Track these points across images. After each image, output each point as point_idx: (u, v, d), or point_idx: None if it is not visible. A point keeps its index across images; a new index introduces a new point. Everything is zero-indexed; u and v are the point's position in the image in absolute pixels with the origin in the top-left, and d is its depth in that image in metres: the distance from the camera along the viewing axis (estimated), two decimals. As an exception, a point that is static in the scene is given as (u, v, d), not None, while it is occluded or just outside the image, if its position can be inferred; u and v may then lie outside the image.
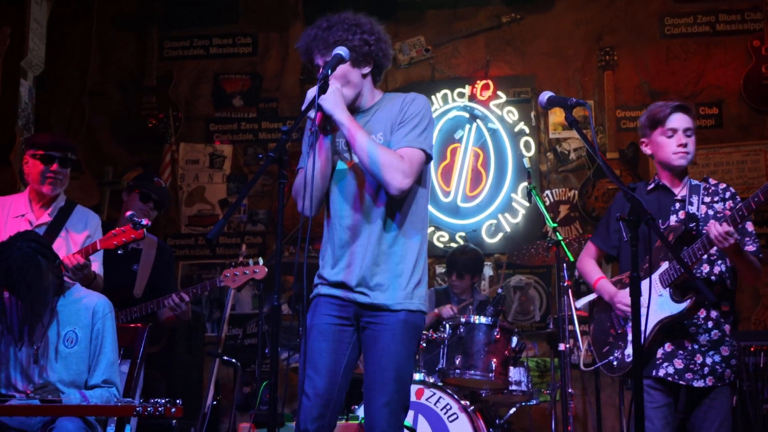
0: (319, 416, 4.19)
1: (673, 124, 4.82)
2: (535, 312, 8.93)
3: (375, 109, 4.42)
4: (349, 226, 4.31)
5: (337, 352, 4.28)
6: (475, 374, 6.65)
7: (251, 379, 7.71)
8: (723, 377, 4.67)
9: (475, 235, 9.06)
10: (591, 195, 8.99)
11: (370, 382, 4.24)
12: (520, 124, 9.22)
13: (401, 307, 4.28)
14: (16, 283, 4.70)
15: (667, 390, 4.72)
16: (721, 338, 4.70)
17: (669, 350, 4.71)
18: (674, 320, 4.68)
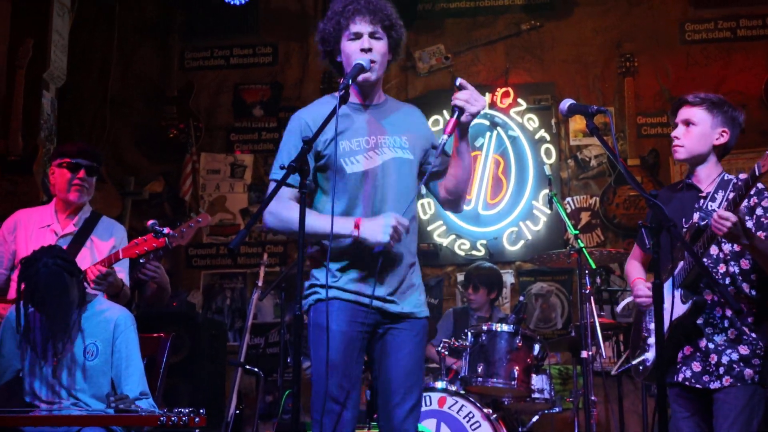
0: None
1: (677, 117, 4.82)
2: (557, 319, 8.91)
3: (387, 107, 4.41)
4: None
5: (358, 361, 4.25)
6: (498, 382, 6.63)
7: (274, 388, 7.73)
8: (742, 377, 4.52)
9: (496, 243, 9.06)
10: (612, 202, 8.96)
11: (395, 386, 4.21)
12: (541, 132, 9.21)
13: (424, 315, 4.32)
14: (41, 300, 4.74)
15: (694, 399, 4.65)
16: (739, 337, 4.57)
17: (688, 353, 4.64)
18: (682, 322, 4.59)
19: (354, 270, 4.24)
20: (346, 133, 4.27)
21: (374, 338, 4.27)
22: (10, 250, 5.66)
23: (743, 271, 4.65)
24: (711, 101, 4.77)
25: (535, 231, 9.07)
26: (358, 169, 4.25)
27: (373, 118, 4.34)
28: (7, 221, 5.77)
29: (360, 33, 4.23)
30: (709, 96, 4.80)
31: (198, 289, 9.27)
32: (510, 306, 8.69)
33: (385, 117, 4.36)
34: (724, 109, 4.76)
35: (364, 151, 4.26)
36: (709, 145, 4.76)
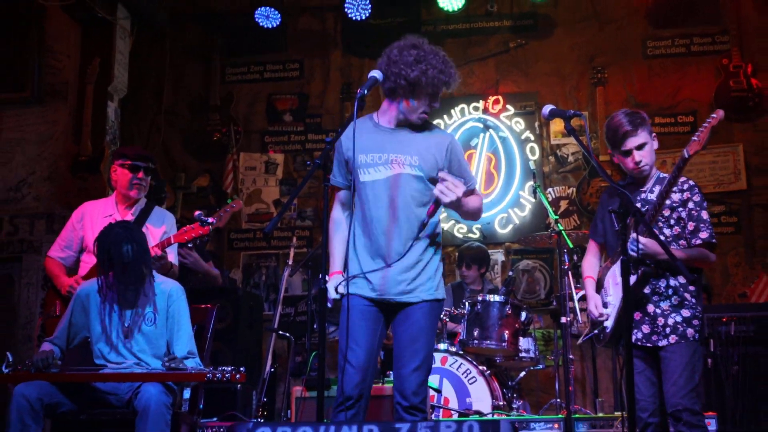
0: (359, 382, 4.22)
1: (626, 146, 4.69)
2: (540, 291, 8.90)
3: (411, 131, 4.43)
4: (385, 231, 4.31)
5: (373, 329, 4.32)
6: (491, 344, 6.66)
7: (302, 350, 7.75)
8: (686, 335, 4.53)
9: (489, 227, 9.05)
10: (586, 192, 8.95)
11: (401, 350, 4.29)
12: (526, 133, 9.20)
13: (432, 298, 4.36)
14: (126, 274, 4.79)
15: (646, 356, 4.66)
16: (681, 302, 4.58)
17: (638, 318, 4.64)
18: (633, 290, 4.54)
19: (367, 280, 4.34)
20: (365, 148, 4.35)
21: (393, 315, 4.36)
22: (79, 236, 5.72)
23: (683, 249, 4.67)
24: (640, 120, 4.70)
25: (522, 216, 9.06)
26: (371, 178, 4.34)
27: (395, 139, 4.38)
28: (75, 212, 5.83)
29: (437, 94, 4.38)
30: (634, 116, 4.71)
31: (238, 268, 9.30)
32: (501, 280, 8.67)
33: (406, 139, 4.39)
34: (647, 119, 4.75)
35: (376, 164, 4.34)
36: (654, 153, 4.76)
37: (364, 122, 4.45)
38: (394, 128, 4.41)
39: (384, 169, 4.33)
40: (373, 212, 4.32)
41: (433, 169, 4.36)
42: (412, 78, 4.25)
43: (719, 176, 8.62)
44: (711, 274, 8.33)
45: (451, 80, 4.34)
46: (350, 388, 4.20)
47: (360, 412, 4.21)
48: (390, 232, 4.30)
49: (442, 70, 4.29)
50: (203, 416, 5.71)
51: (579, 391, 8.17)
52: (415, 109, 4.35)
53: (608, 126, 4.78)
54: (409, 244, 4.31)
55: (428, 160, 4.36)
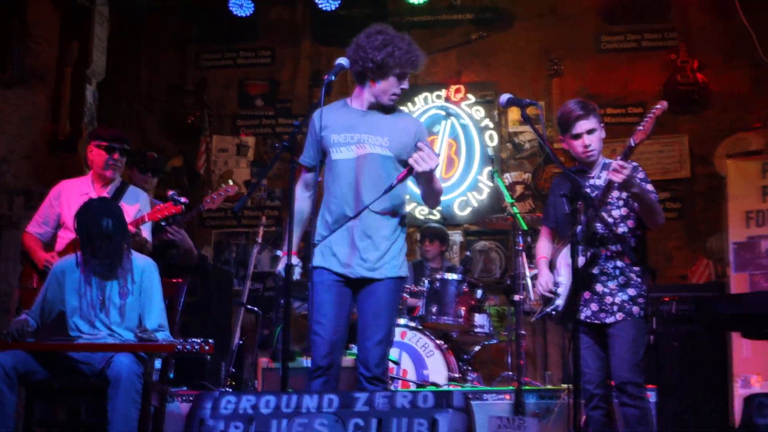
0: (328, 353, 4.26)
1: (577, 130, 4.71)
2: (495, 270, 8.95)
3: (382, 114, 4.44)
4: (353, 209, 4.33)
5: (341, 302, 4.35)
6: (448, 319, 6.68)
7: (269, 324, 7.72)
8: (632, 313, 4.58)
9: (448, 209, 9.08)
10: (541, 177, 9.01)
11: (365, 324, 4.32)
12: (486, 121, 9.22)
13: (395, 275, 4.38)
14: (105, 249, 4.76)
15: (593, 332, 4.70)
16: (627, 282, 4.62)
17: (587, 297, 4.68)
18: (584, 272, 4.61)
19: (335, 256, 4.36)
20: (338, 127, 4.38)
21: (358, 290, 4.38)
22: (55, 212, 5.67)
23: (630, 230, 4.71)
24: (592, 107, 4.74)
25: (480, 200, 9.09)
26: (342, 157, 4.36)
27: (367, 121, 4.40)
28: (53, 189, 5.79)
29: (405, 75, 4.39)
30: (586, 104, 4.75)
31: (210, 245, 9.26)
32: (459, 259, 8.71)
33: (376, 121, 4.40)
34: (597, 110, 4.77)
35: (348, 144, 4.36)
36: (602, 140, 4.79)
37: (337, 105, 4.51)
38: (366, 111, 4.44)
39: (355, 148, 4.36)
40: (344, 189, 4.35)
41: (402, 151, 4.38)
42: (380, 60, 4.29)
43: (665, 164, 8.70)
44: (655, 257, 8.40)
45: (417, 61, 4.38)
46: (320, 358, 4.23)
47: (331, 380, 4.24)
48: (357, 211, 4.32)
49: (408, 51, 4.33)
50: (174, 385, 5.72)
51: (530, 364, 8.23)
52: (385, 91, 4.37)
53: (561, 112, 4.80)
54: (375, 223, 4.34)
55: (398, 141, 4.38)
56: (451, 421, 3.11)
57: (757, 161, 7.29)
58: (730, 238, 7.11)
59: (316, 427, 3.18)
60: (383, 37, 4.33)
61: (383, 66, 4.30)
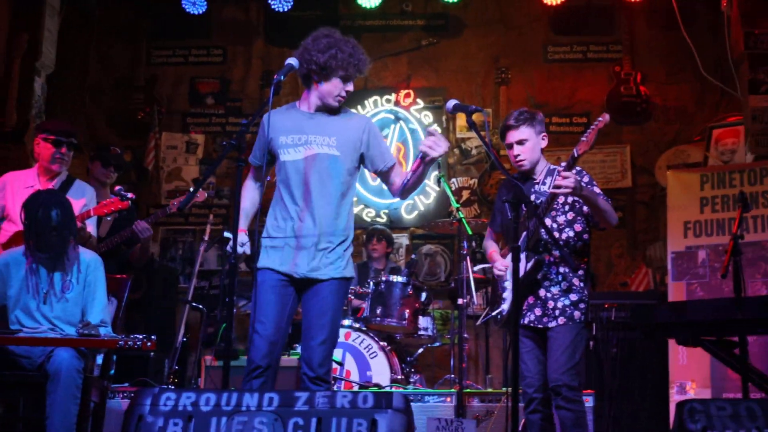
0: (268, 353, 4.22)
1: (508, 140, 4.78)
2: (440, 274, 8.97)
3: (330, 115, 4.45)
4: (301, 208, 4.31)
5: (283, 303, 4.32)
6: (392, 321, 6.68)
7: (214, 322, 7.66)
8: (573, 317, 4.63)
9: (395, 212, 9.08)
10: (487, 183, 9.04)
11: (310, 324, 4.30)
12: (434, 126, 9.18)
13: (340, 276, 4.36)
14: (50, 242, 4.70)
15: (536, 336, 4.74)
16: (569, 288, 4.67)
17: (531, 302, 4.72)
18: (528, 277, 4.66)
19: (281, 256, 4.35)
20: (286, 130, 4.38)
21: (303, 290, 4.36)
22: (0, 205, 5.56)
23: (576, 234, 4.76)
24: (526, 118, 4.77)
25: (427, 204, 9.10)
26: (290, 158, 4.35)
27: (314, 122, 4.40)
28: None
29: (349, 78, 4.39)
30: (522, 113, 4.79)
31: (156, 242, 9.13)
32: (404, 262, 8.71)
33: (324, 122, 4.40)
34: (537, 118, 4.80)
35: (296, 145, 4.35)
36: (539, 151, 4.82)
37: (286, 108, 4.53)
38: (313, 113, 4.43)
39: (302, 149, 4.35)
40: (292, 190, 4.34)
41: (351, 150, 4.40)
42: (322, 61, 4.30)
43: (608, 174, 8.80)
44: (596, 264, 8.50)
45: (360, 64, 4.40)
46: (259, 358, 4.20)
47: (268, 381, 4.22)
48: (305, 212, 4.32)
49: (351, 54, 4.35)
50: (116, 381, 5.64)
51: (472, 367, 8.27)
52: (330, 92, 4.37)
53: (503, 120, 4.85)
54: (322, 224, 4.31)
55: (346, 141, 4.38)
56: (391, 421, 3.09)
57: (696, 173, 7.40)
58: (669, 248, 7.21)
59: (256, 425, 3.14)
60: (328, 39, 4.36)
61: (326, 68, 4.31)
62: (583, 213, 4.74)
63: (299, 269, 4.31)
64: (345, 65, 4.33)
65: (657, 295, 7.25)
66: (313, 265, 4.31)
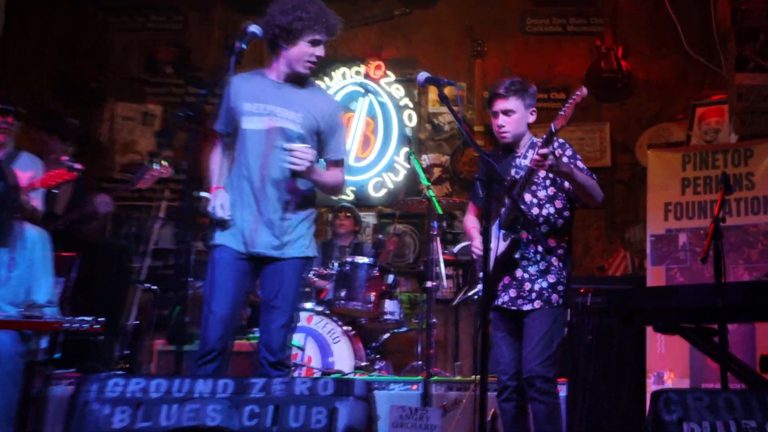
0: (223, 336, 4.19)
1: (494, 108, 4.77)
2: (409, 255, 8.96)
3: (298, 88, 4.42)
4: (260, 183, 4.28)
5: (240, 283, 4.29)
6: (356, 305, 6.67)
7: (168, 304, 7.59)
8: (550, 301, 4.61)
9: (363, 190, 9.06)
10: (460, 160, 9.02)
11: (269, 307, 4.28)
12: (405, 100, 9.21)
13: (302, 255, 4.35)
14: None
15: (511, 321, 4.72)
16: (548, 268, 4.65)
17: (506, 282, 4.69)
18: (504, 257, 4.65)
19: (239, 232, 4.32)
20: (251, 96, 4.35)
21: (261, 269, 4.33)
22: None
23: (558, 210, 4.73)
24: (518, 89, 4.74)
25: (396, 181, 9.08)
26: (252, 127, 4.31)
27: (281, 93, 4.36)
28: None
29: (318, 41, 4.32)
30: (514, 84, 4.75)
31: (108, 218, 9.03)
32: (371, 242, 8.69)
33: (291, 95, 4.37)
34: (529, 91, 4.77)
35: (260, 114, 4.31)
36: (525, 125, 4.79)
37: (253, 74, 4.48)
38: (282, 83, 4.40)
39: (266, 119, 4.32)
40: (251, 161, 4.30)
41: (313, 130, 4.36)
42: (286, 23, 4.27)
43: (586, 152, 8.80)
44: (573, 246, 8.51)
45: (329, 24, 4.36)
46: (213, 341, 4.16)
47: (223, 366, 4.19)
48: (264, 185, 4.28)
49: (318, 14, 4.31)
50: (63, 366, 5.56)
51: (440, 354, 8.27)
52: (298, 58, 4.33)
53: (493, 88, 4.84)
54: (282, 199, 4.29)
55: (310, 119, 4.36)
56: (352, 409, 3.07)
57: (678, 153, 7.41)
58: (648, 230, 7.23)
59: (209, 413, 3.10)
60: (293, 2, 4.30)
61: (292, 30, 4.27)
62: (565, 189, 4.72)
63: (258, 247, 4.27)
64: (312, 26, 4.28)
65: (635, 280, 7.28)
66: (273, 243, 4.28)
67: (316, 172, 4.31)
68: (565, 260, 4.74)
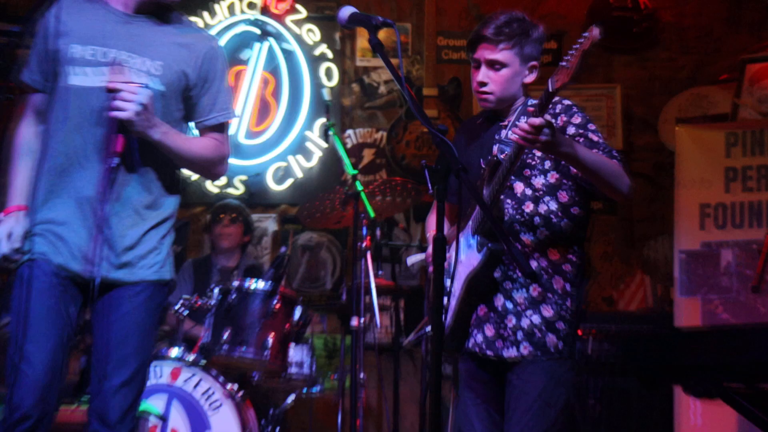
0: (41, 398, 4.09)
1: (475, 54, 4.69)
2: (326, 278, 8.97)
3: (159, 24, 4.37)
4: (94, 165, 4.20)
5: (65, 316, 4.20)
6: (247, 352, 6.60)
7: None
8: (544, 345, 4.46)
9: (258, 181, 9.07)
10: (402, 139, 9.04)
11: (105, 354, 4.21)
12: (322, 47, 9.25)
13: (156, 278, 4.32)
14: None
15: (486, 374, 4.61)
16: (543, 294, 4.51)
17: (481, 314, 4.59)
18: (479, 276, 4.54)
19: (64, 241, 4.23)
20: (83, 35, 4.25)
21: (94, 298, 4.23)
22: None
23: (563, 206, 4.59)
24: (515, 32, 4.65)
25: (307, 168, 9.12)
26: (82, 83, 4.23)
27: (130, 33, 4.29)
28: None
29: None
30: (511, 23, 4.65)
31: None
32: (269, 259, 8.66)
33: (147, 34, 4.31)
34: (531, 36, 4.69)
35: (97, 64, 4.23)
36: (519, 85, 4.71)
37: (86, 1, 4.37)
38: (132, 15, 4.33)
39: (105, 71, 4.21)
40: (81, 136, 4.20)
41: (180, 85, 4.32)
42: None
43: (588, 128, 8.85)
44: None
45: None
46: (28, 404, 4.06)
47: None
48: (98, 173, 4.18)
49: None
50: None
51: (371, 428, 8.26)
52: None
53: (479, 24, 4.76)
54: (126, 191, 4.23)
55: (178, 69, 4.31)
56: None
57: (721, 131, 7.46)
58: (677, 245, 7.27)
59: None
60: None
61: None
62: (573, 174, 4.64)
63: (88, 265, 4.17)
64: None
65: (659, 317, 7.33)
66: (111, 260, 4.21)
67: (166, 131, 4.23)
68: (572, 283, 4.59)
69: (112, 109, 4.05)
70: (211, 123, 4.42)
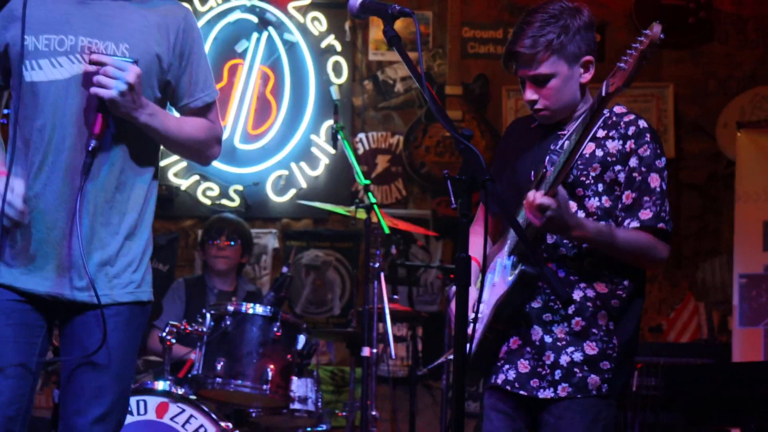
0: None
1: (518, 73, 4.55)
2: (333, 302, 9.01)
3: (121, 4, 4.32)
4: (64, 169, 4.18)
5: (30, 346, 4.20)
6: (244, 385, 6.62)
7: None
8: (585, 386, 4.42)
9: (256, 191, 9.12)
10: (421, 144, 9.07)
11: (77, 387, 4.20)
12: (330, 38, 9.31)
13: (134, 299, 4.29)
14: None
15: (519, 411, 4.64)
16: (586, 329, 4.45)
17: (515, 347, 4.58)
18: (508, 300, 4.50)
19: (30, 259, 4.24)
20: (39, 24, 4.22)
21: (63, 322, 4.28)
22: None
23: None
24: (554, 34, 4.58)
25: (313, 177, 9.16)
26: (44, 78, 4.23)
27: (89, 14, 4.27)
28: None
29: None
30: (546, 25, 4.61)
31: None
32: (270, 280, 8.70)
33: (109, 14, 4.29)
34: (572, 26, 4.59)
35: (54, 54, 4.22)
36: (575, 89, 4.59)
37: None
38: None
39: (68, 62, 4.21)
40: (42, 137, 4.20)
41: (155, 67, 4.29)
42: None
43: (633, 135, 8.91)
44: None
45: None
46: None
47: None
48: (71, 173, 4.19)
49: None
50: None
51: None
52: None
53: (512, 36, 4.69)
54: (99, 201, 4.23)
55: (144, 51, 4.27)
56: None
57: (789, 137, 7.51)
58: (736, 268, 7.31)
59: None
60: None
61: None
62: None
63: (57, 287, 4.20)
64: None
65: (714, 350, 7.36)
66: (82, 281, 4.19)
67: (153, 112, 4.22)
68: (621, 318, 4.53)
69: (94, 84, 4.04)
70: (197, 105, 4.41)
